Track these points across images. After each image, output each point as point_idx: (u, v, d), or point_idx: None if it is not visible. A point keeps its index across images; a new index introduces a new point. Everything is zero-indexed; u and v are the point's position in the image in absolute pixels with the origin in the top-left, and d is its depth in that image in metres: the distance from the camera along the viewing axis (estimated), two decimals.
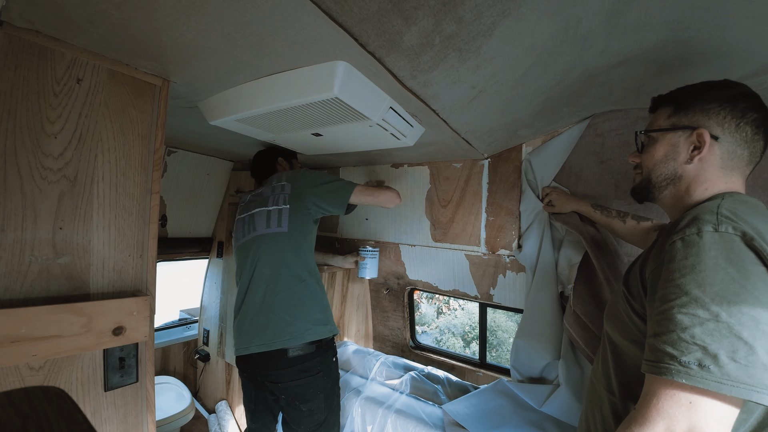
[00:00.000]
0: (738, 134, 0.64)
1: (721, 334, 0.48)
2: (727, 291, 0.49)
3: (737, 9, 0.66)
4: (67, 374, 0.77)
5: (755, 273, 0.50)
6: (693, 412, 0.48)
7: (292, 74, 0.87)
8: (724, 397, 0.48)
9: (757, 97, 0.66)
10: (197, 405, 2.27)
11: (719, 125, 0.65)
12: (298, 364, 1.23)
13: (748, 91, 0.66)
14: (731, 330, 0.48)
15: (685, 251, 0.54)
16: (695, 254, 0.53)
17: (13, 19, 0.68)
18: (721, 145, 0.65)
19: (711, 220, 0.55)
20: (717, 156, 0.65)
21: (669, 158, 0.71)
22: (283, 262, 1.30)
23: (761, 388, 0.46)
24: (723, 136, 0.65)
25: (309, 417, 1.26)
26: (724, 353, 0.47)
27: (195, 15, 0.66)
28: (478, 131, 1.26)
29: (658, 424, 0.49)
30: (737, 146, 0.65)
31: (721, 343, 0.48)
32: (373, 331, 2.43)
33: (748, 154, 0.65)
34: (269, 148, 1.66)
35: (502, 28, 0.68)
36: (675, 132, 0.70)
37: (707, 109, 0.66)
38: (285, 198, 1.38)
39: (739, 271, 0.50)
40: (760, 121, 0.64)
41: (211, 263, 2.41)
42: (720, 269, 0.51)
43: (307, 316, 1.27)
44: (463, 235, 1.72)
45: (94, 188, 0.83)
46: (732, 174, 0.66)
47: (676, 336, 0.51)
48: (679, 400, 0.49)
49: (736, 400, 0.48)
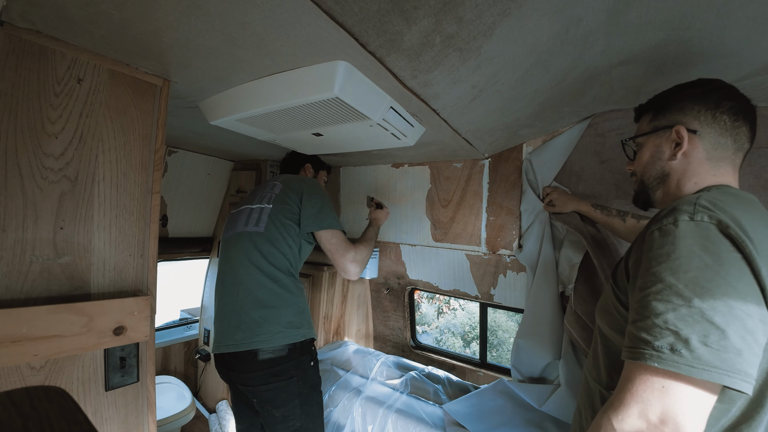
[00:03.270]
0: (716, 124, 0.67)
1: (693, 319, 0.49)
2: (700, 277, 0.50)
3: (738, 9, 0.66)
4: (68, 374, 0.77)
5: (730, 260, 0.50)
6: (666, 397, 0.49)
7: (293, 74, 0.87)
8: (697, 382, 0.48)
9: (731, 88, 0.68)
10: (198, 405, 2.27)
11: (695, 119, 0.68)
12: (269, 368, 1.18)
13: (720, 83, 0.69)
14: (703, 315, 0.48)
15: (662, 240, 0.56)
16: (671, 243, 0.54)
17: (13, 19, 0.68)
18: (702, 137, 0.67)
19: (688, 210, 0.56)
20: (700, 149, 0.68)
21: (655, 159, 0.74)
22: (256, 261, 1.26)
23: (733, 373, 0.46)
24: (701, 129, 0.67)
25: (283, 423, 1.21)
26: (695, 338, 0.48)
27: (196, 15, 0.66)
28: (479, 131, 1.26)
29: (632, 409, 0.50)
30: (719, 135, 0.67)
31: (693, 328, 0.48)
32: (373, 331, 2.43)
33: (732, 141, 0.67)
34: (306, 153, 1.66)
35: (503, 27, 0.68)
36: (657, 134, 0.74)
37: (682, 107, 0.70)
38: (271, 197, 1.37)
39: (713, 258, 0.51)
40: (736, 108, 0.66)
41: (211, 263, 2.41)
42: (695, 256, 0.52)
43: (278, 318, 1.22)
44: (463, 235, 1.72)
45: (95, 188, 0.83)
46: (720, 165, 0.68)
47: (650, 322, 0.52)
48: (653, 385, 0.50)
49: (711, 386, 0.48)
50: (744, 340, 0.47)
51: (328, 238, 1.34)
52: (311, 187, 1.40)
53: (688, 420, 0.47)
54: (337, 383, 1.77)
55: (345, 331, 2.27)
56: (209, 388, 2.37)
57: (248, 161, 2.29)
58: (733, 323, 0.47)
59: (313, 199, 1.35)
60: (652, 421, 0.48)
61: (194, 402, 2.01)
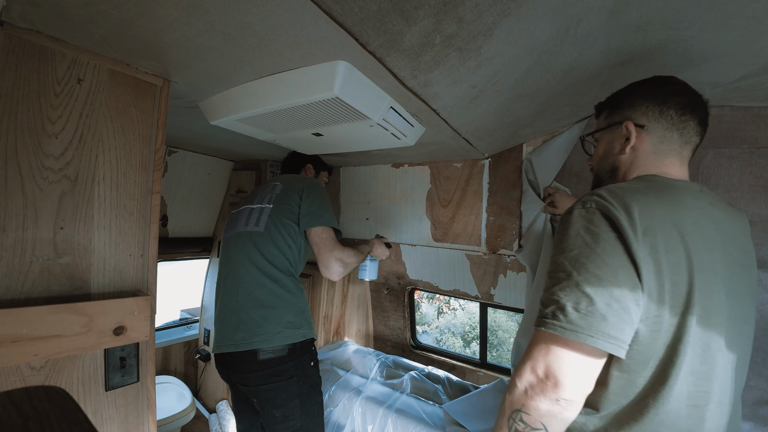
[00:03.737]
0: (663, 119, 0.70)
1: (570, 290, 0.57)
2: (580, 255, 0.58)
3: (738, 8, 0.66)
4: (68, 374, 0.78)
5: (605, 238, 0.57)
6: (549, 355, 0.57)
7: (293, 74, 0.87)
8: (571, 343, 0.56)
9: (680, 85, 0.71)
10: (198, 405, 2.27)
11: (644, 114, 0.72)
12: (269, 368, 1.18)
13: (671, 80, 0.73)
14: (578, 286, 0.56)
15: (560, 228, 0.64)
16: (563, 230, 0.63)
17: (14, 20, 0.68)
18: (649, 131, 0.71)
19: (585, 199, 0.63)
20: (647, 142, 0.72)
21: (608, 153, 0.78)
22: (256, 261, 1.26)
23: (596, 334, 0.54)
24: (649, 124, 0.71)
25: (283, 423, 1.21)
26: (570, 305, 0.56)
27: (196, 15, 0.66)
28: (479, 131, 1.26)
29: (527, 365, 0.59)
30: (665, 130, 0.70)
31: (569, 297, 0.56)
32: (373, 331, 2.43)
33: (679, 135, 0.70)
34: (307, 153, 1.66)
35: (503, 27, 0.68)
36: (610, 129, 0.78)
37: (633, 103, 0.74)
38: (271, 197, 1.37)
39: (593, 238, 0.58)
40: (684, 103, 0.69)
41: (211, 263, 2.41)
42: (579, 238, 0.60)
43: (278, 318, 1.22)
44: (463, 235, 1.72)
45: (95, 188, 0.83)
46: (666, 157, 0.71)
47: (545, 296, 0.61)
48: (541, 345, 0.58)
49: (585, 347, 0.55)
50: (610, 306, 0.54)
51: (318, 232, 1.32)
52: (311, 185, 1.40)
53: (566, 376, 0.56)
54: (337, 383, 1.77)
55: (345, 331, 2.27)
56: (209, 388, 2.37)
57: (248, 161, 2.29)
58: (601, 292, 0.55)
59: (312, 197, 1.35)
60: (539, 376, 0.57)
61: (194, 402, 2.01)
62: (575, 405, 0.57)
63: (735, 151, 1.09)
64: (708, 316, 0.57)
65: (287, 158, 1.72)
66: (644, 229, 0.56)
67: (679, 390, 0.56)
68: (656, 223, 0.57)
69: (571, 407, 0.57)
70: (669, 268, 0.56)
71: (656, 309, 0.56)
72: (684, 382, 0.56)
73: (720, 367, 0.58)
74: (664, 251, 0.56)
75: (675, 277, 0.56)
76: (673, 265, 0.56)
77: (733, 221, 0.67)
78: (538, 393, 0.57)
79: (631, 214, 0.57)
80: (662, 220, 0.58)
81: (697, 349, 0.57)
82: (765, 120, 1.05)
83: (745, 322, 0.64)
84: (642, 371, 0.58)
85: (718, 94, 1.03)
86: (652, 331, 0.56)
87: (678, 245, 0.57)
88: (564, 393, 0.56)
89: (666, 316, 0.56)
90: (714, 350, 0.58)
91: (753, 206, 1.06)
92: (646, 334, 0.56)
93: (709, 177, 1.12)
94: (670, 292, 0.56)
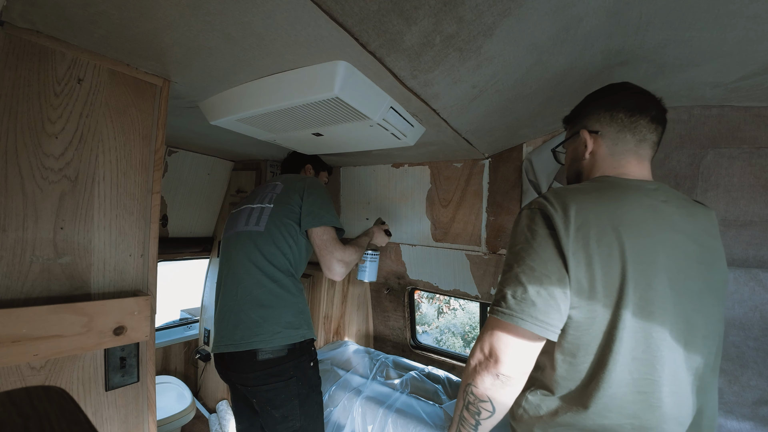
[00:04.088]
0: (614, 123, 0.75)
1: (511, 280, 0.65)
2: (521, 250, 0.67)
3: (738, 8, 0.66)
4: (68, 374, 0.78)
5: (541, 234, 0.65)
6: (492, 336, 0.66)
7: (293, 74, 0.87)
8: (509, 326, 0.64)
9: (630, 88, 0.77)
10: (198, 405, 2.27)
11: (597, 121, 0.78)
12: (268, 368, 1.18)
13: (620, 86, 0.78)
14: (517, 277, 0.65)
15: (512, 228, 0.73)
16: (513, 228, 0.72)
17: (14, 20, 0.68)
18: (603, 136, 0.77)
19: (533, 201, 0.71)
20: (603, 146, 0.77)
21: (573, 160, 0.85)
22: (256, 261, 1.26)
23: (527, 318, 0.62)
24: (602, 129, 0.77)
25: (283, 423, 1.21)
26: (509, 293, 0.65)
27: (196, 15, 0.66)
28: (479, 131, 1.26)
29: (477, 345, 0.69)
30: (618, 132, 0.75)
31: (509, 286, 0.65)
32: (373, 331, 2.43)
33: (631, 135, 0.75)
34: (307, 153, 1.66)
35: (503, 27, 0.68)
36: (573, 139, 0.84)
37: (587, 113, 0.80)
38: (272, 197, 1.36)
39: (531, 234, 0.67)
40: (631, 105, 0.74)
41: (212, 263, 2.41)
42: (522, 235, 0.68)
43: (277, 318, 1.21)
44: (463, 235, 1.72)
45: (95, 188, 0.83)
46: (622, 157, 0.76)
47: (497, 288, 0.69)
48: (488, 328, 0.68)
49: (521, 330, 0.63)
50: (539, 294, 0.62)
51: (319, 233, 1.31)
52: (312, 185, 1.39)
53: (504, 354, 0.64)
54: (337, 383, 1.77)
55: (345, 331, 2.27)
56: (209, 388, 2.37)
57: (248, 161, 2.29)
58: (533, 282, 0.63)
59: (313, 197, 1.35)
60: (485, 354, 0.67)
61: (194, 402, 2.02)
62: (513, 380, 0.65)
63: (735, 151, 1.09)
64: (647, 306, 0.61)
65: (287, 159, 1.71)
66: (578, 225, 0.63)
67: (621, 376, 0.60)
68: (591, 219, 0.63)
69: (510, 382, 0.65)
70: (600, 259, 0.61)
71: (588, 297, 0.62)
72: (625, 368, 0.60)
73: (667, 357, 0.61)
74: (597, 245, 0.61)
75: (607, 267, 0.61)
76: (605, 257, 0.61)
77: (692, 218, 0.69)
78: (483, 369, 0.67)
79: (568, 212, 0.64)
80: (598, 217, 0.63)
81: (637, 337, 0.61)
82: (765, 120, 1.05)
83: (704, 315, 0.66)
84: (583, 356, 0.64)
85: (718, 94, 1.03)
86: (587, 318, 0.62)
87: (612, 239, 0.62)
88: (503, 369, 0.64)
89: (600, 304, 0.61)
90: (657, 339, 0.61)
91: (753, 206, 1.06)
92: (582, 320, 0.63)
93: (709, 177, 1.12)
94: (603, 282, 0.61)
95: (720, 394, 1.02)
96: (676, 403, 0.61)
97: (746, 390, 1.00)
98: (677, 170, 1.15)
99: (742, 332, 1.02)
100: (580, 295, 0.62)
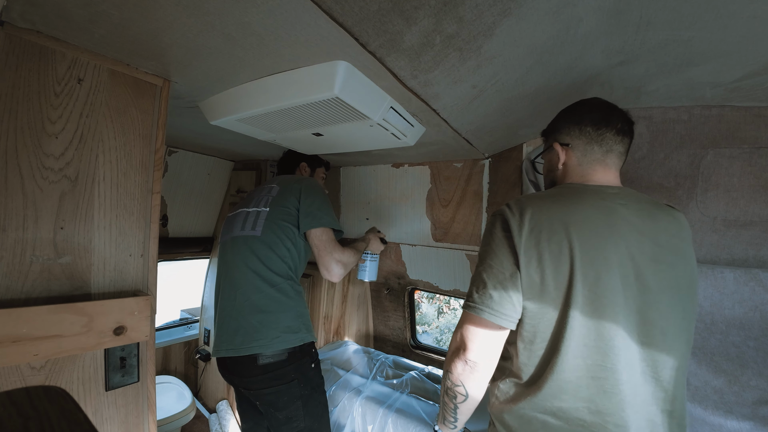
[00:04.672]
0: (583, 135, 0.81)
1: (477, 277, 0.75)
2: (484, 251, 0.76)
3: (738, 8, 0.66)
4: (69, 374, 0.78)
5: (498, 236, 0.74)
6: (463, 327, 0.74)
7: (293, 74, 0.87)
8: (474, 317, 0.73)
9: (598, 103, 0.82)
10: (198, 405, 2.27)
11: (567, 134, 0.84)
12: (270, 372, 1.18)
13: (589, 102, 0.84)
14: (480, 275, 0.74)
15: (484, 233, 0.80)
16: (484, 232, 0.80)
17: (14, 19, 0.68)
18: (573, 148, 0.82)
19: (497, 208, 0.78)
20: (573, 157, 0.83)
21: (549, 171, 0.91)
22: (253, 266, 1.25)
23: (486, 309, 0.70)
24: (572, 141, 0.83)
25: (287, 424, 1.22)
26: (474, 289, 0.74)
27: (196, 15, 0.66)
28: (479, 131, 1.26)
29: (453, 336, 0.76)
30: (586, 144, 0.81)
31: (475, 283, 0.75)
32: (373, 331, 2.43)
33: (599, 146, 0.80)
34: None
35: (503, 27, 0.68)
36: (548, 151, 0.90)
37: (559, 127, 0.86)
38: (268, 200, 1.35)
39: (492, 237, 0.75)
40: (597, 119, 0.80)
41: (211, 263, 2.42)
42: (485, 238, 0.77)
43: (276, 323, 1.21)
44: (463, 235, 1.72)
45: (95, 188, 0.83)
46: (589, 166, 0.81)
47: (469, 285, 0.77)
48: (461, 320, 0.76)
49: (483, 321, 0.71)
50: (495, 288, 0.71)
51: (318, 234, 1.31)
52: (309, 186, 1.38)
53: (471, 342, 0.72)
54: (337, 383, 1.77)
55: (345, 331, 2.27)
56: (209, 388, 2.37)
57: (248, 161, 2.29)
58: (491, 278, 0.72)
59: (311, 198, 1.34)
60: (458, 343, 0.75)
61: (194, 402, 2.02)
62: (480, 366, 0.73)
63: (735, 151, 1.09)
64: (596, 299, 0.66)
65: (281, 159, 1.69)
66: (531, 227, 0.70)
67: (574, 361, 0.66)
68: (544, 221, 0.70)
69: (477, 368, 0.73)
70: (550, 256, 0.68)
71: (540, 289, 0.68)
72: (577, 354, 0.66)
73: (620, 346, 0.65)
74: (547, 243, 0.68)
75: (557, 263, 0.67)
76: (555, 253, 0.68)
77: (651, 219, 0.73)
78: (455, 356, 0.74)
79: (523, 216, 0.71)
80: (551, 218, 0.70)
81: (588, 325, 0.66)
82: (765, 120, 1.05)
83: (661, 311, 0.68)
84: (540, 343, 0.70)
85: (718, 94, 1.03)
86: (540, 308, 0.69)
87: (561, 237, 0.68)
88: (470, 355, 0.72)
89: (551, 296, 0.68)
90: (609, 329, 0.66)
91: (753, 206, 1.06)
92: (536, 311, 0.69)
93: (709, 177, 1.12)
94: (553, 276, 0.68)
95: (720, 394, 1.02)
96: (633, 391, 0.65)
97: (746, 390, 1.00)
98: (677, 170, 1.15)
99: (742, 332, 1.02)
100: (532, 289, 0.69)
